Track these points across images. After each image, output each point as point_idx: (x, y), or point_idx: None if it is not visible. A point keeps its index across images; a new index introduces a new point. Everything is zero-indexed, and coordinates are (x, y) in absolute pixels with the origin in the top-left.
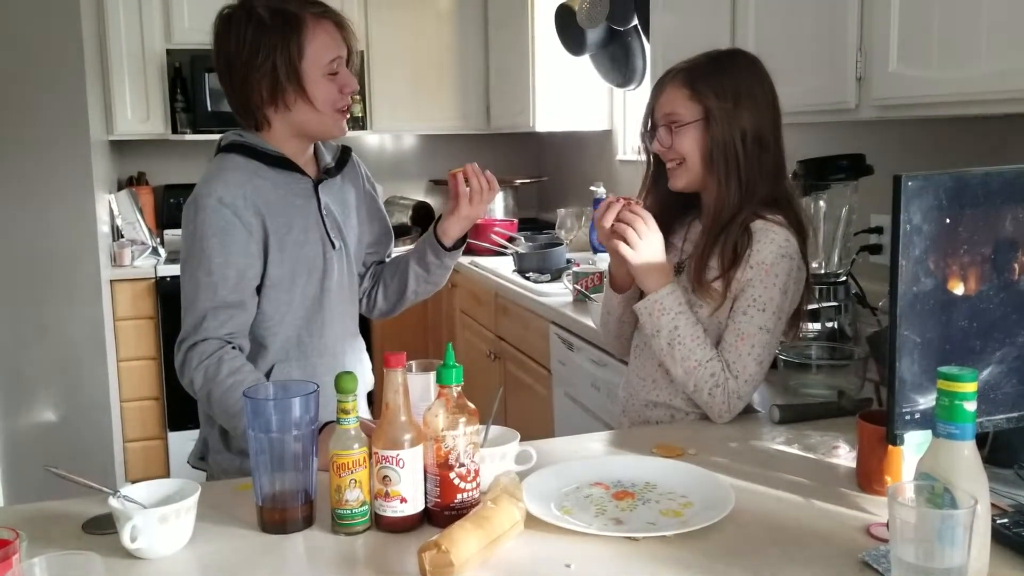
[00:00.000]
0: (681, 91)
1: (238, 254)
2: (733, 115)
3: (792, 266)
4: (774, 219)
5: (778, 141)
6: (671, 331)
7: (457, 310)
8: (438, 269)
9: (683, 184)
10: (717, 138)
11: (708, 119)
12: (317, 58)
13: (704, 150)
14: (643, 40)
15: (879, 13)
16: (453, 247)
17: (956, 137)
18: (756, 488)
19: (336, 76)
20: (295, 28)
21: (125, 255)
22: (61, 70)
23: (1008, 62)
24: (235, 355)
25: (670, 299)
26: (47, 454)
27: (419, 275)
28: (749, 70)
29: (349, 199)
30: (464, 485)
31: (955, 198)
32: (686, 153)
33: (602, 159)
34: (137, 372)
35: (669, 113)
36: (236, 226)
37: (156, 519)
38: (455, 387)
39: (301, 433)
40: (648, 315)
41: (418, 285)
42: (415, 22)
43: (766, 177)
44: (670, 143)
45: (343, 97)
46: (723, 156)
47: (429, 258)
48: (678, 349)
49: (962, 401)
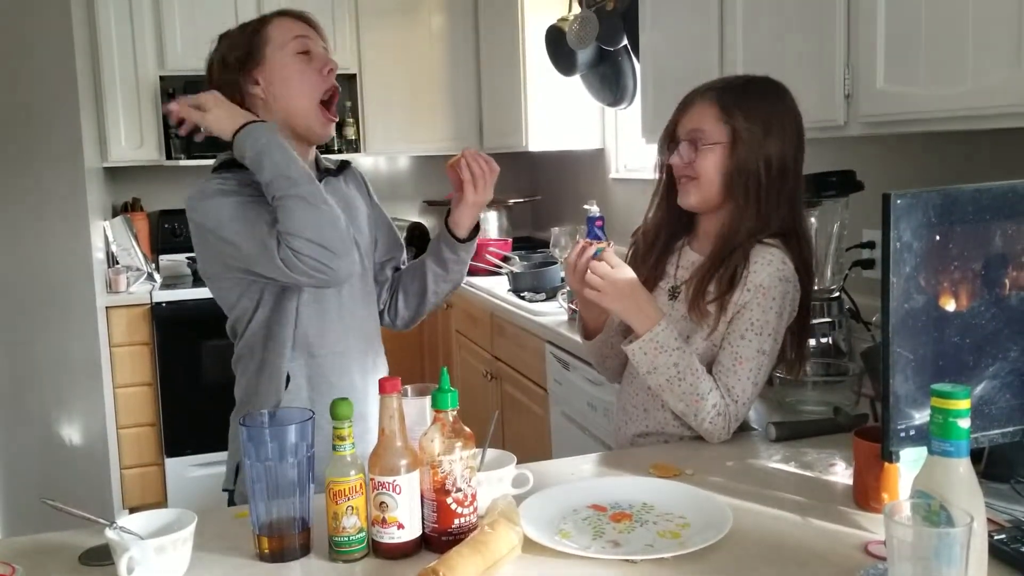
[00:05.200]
0: (711, 109)
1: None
2: (760, 142)
3: (789, 288)
4: (770, 242)
5: (798, 171)
6: (669, 368)
7: (453, 331)
8: (455, 264)
9: (693, 202)
10: (740, 163)
11: (734, 142)
12: (281, 37)
13: (724, 172)
14: (633, 60)
15: (865, 31)
16: (467, 238)
17: (944, 152)
18: (754, 507)
19: (308, 56)
20: (258, 23)
21: (120, 281)
22: (55, 98)
23: (993, 78)
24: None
25: (665, 335)
26: (44, 481)
27: (437, 274)
28: (781, 99)
29: (353, 202)
30: (461, 510)
31: (944, 215)
32: (704, 172)
33: (595, 177)
34: (134, 398)
35: (695, 129)
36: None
37: (153, 550)
38: (451, 411)
39: (298, 460)
40: (643, 354)
41: (437, 285)
42: (407, 44)
43: (783, 207)
44: (692, 159)
45: (322, 78)
46: (744, 182)
47: (446, 254)
48: (679, 385)
49: (956, 418)
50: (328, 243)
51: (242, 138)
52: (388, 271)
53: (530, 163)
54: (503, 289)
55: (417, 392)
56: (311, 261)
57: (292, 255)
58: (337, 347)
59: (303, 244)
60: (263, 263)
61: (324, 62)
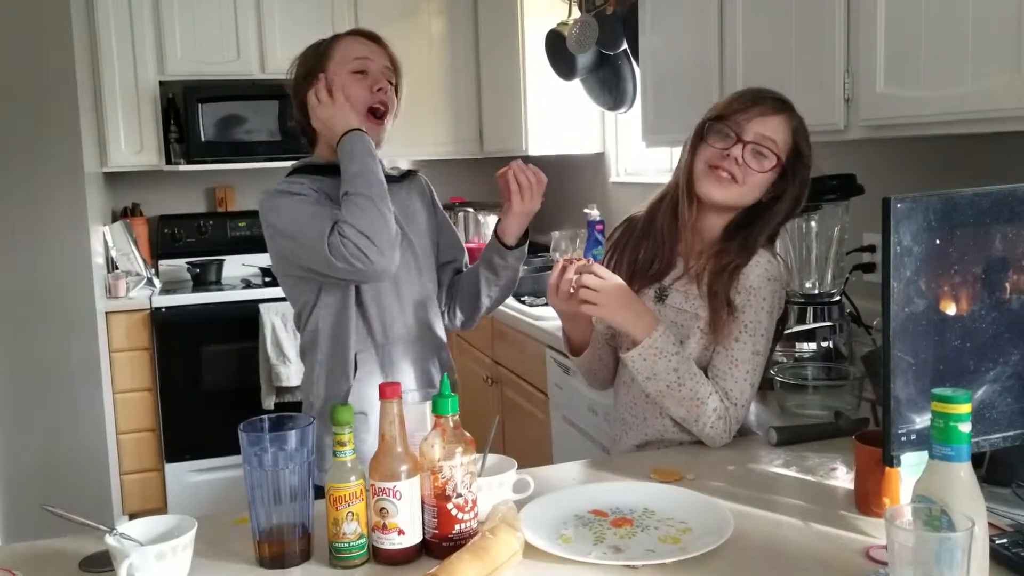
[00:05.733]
0: (789, 125)
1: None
2: (801, 172)
3: (777, 287)
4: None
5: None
6: (669, 373)
7: (453, 335)
8: (504, 270)
9: (723, 198)
10: (779, 189)
11: (787, 170)
12: (343, 56)
13: (765, 189)
14: (632, 64)
15: (865, 35)
16: (517, 245)
17: (944, 155)
18: (755, 512)
19: (364, 75)
20: (330, 41)
21: (120, 286)
22: (55, 103)
23: (993, 82)
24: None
25: (663, 340)
26: (44, 486)
27: (489, 279)
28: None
29: (411, 207)
30: (462, 516)
31: (944, 219)
32: (752, 183)
33: (595, 181)
34: (133, 404)
35: (768, 137)
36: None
37: (153, 556)
38: (451, 416)
39: (298, 466)
40: (643, 361)
41: (489, 289)
42: (407, 48)
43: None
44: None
45: (371, 95)
46: (772, 204)
47: (495, 260)
48: (679, 391)
49: (956, 423)
50: (374, 236)
51: (351, 138)
52: (448, 273)
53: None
54: None
55: (418, 397)
56: (354, 248)
57: (340, 241)
58: (404, 337)
59: (352, 232)
60: (314, 255)
61: (376, 80)
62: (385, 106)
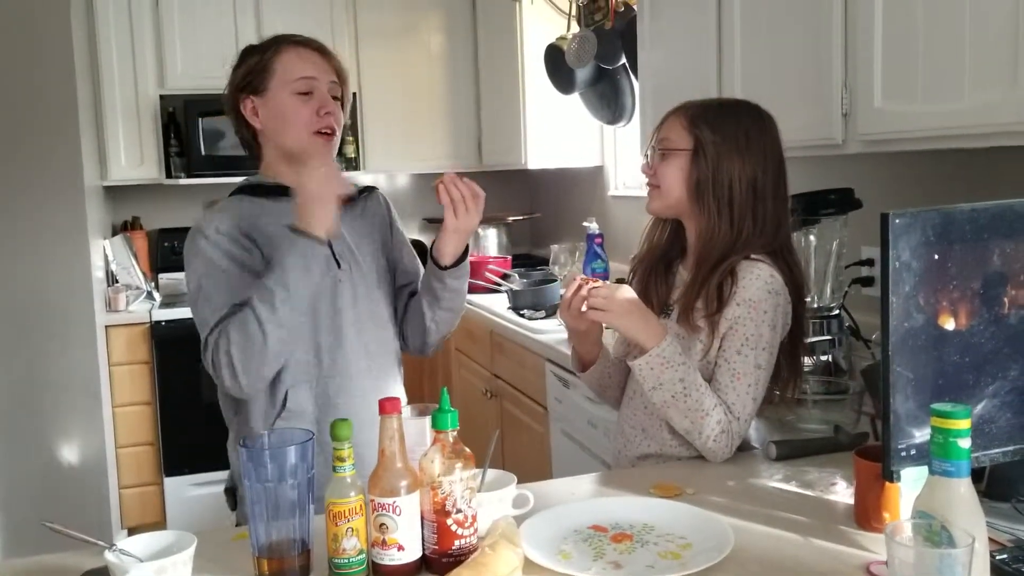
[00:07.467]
0: (680, 120)
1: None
2: (726, 155)
3: (779, 300)
4: (757, 257)
5: (779, 197)
6: (675, 383)
7: (452, 348)
8: (444, 292)
9: (656, 208)
10: (703, 173)
11: (696, 151)
12: (286, 74)
13: (688, 181)
14: (631, 78)
15: (863, 49)
16: (453, 265)
17: (942, 170)
18: (755, 527)
19: (308, 96)
20: (269, 49)
21: (120, 300)
22: (55, 116)
23: (990, 97)
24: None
25: (671, 350)
26: (43, 501)
27: (430, 302)
28: (756, 121)
29: (366, 226)
30: (462, 531)
31: (943, 234)
32: (664, 178)
33: (594, 195)
34: (133, 417)
35: (663, 139)
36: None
37: (152, 572)
38: (451, 432)
39: (297, 481)
40: (650, 369)
41: (434, 313)
42: (407, 62)
43: (762, 227)
44: (656, 166)
45: (318, 119)
46: (711, 192)
47: (433, 283)
48: (684, 401)
49: (956, 438)
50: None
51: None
52: (405, 296)
53: (529, 181)
54: (503, 307)
55: (417, 412)
56: (223, 360)
57: (214, 344)
58: (348, 370)
59: (225, 344)
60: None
61: (323, 103)
62: (332, 129)
